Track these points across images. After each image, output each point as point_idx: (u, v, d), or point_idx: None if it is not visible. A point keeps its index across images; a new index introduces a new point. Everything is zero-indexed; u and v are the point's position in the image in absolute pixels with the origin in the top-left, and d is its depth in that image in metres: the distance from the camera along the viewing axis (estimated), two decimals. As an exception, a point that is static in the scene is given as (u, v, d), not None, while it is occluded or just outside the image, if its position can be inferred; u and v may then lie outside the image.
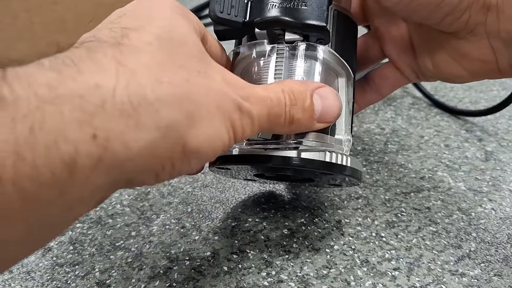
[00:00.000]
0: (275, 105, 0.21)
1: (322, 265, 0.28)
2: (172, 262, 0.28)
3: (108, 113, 0.15)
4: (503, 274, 0.27)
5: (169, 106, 0.16)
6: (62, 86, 0.14)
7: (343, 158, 0.24)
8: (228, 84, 0.19)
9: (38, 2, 0.49)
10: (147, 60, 0.17)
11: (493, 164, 0.39)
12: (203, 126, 0.18)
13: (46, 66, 0.15)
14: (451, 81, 0.30)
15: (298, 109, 0.22)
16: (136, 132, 0.15)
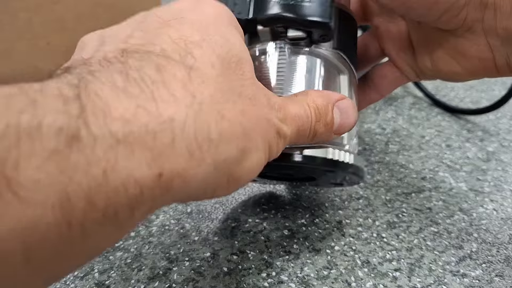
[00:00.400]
0: (304, 122, 0.21)
1: (322, 266, 0.27)
2: (171, 263, 0.28)
3: (176, 151, 0.15)
4: (504, 275, 0.27)
5: (227, 142, 0.16)
6: (136, 121, 0.14)
7: (345, 155, 0.24)
8: (271, 107, 0.20)
9: (38, 2, 0.49)
10: (212, 90, 0.17)
11: (494, 165, 0.39)
12: (250, 159, 0.18)
13: (120, 88, 0.14)
14: (449, 79, 0.30)
15: (321, 124, 0.22)
16: (196, 169, 0.15)
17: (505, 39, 0.25)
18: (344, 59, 0.26)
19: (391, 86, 0.32)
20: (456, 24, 0.25)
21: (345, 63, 0.26)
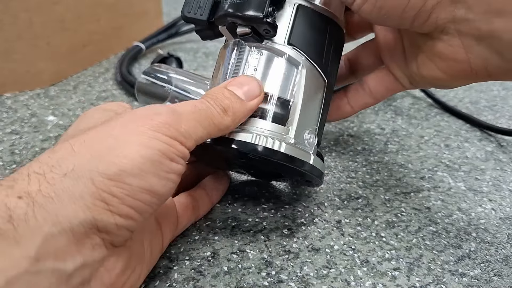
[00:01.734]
0: (198, 110, 0.23)
1: (322, 265, 0.28)
2: (172, 262, 0.28)
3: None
4: (503, 274, 0.27)
5: (67, 157, 0.19)
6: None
7: (278, 144, 0.25)
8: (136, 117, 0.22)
9: (38, 2, 0.49)
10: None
11: (493, 164, 0.39)
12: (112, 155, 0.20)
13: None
14: (435, 85, 0.30)
15: (223, 99, 0.24)
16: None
17: (478, 38, 0.25)
18: (300, 54, 0.27)
19: (385, 91, 0.33)
20: (429, 27, 0.26)
21: (301, 57, 0.27)
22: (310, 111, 0.27)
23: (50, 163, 0.18)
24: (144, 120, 0.21)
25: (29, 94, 0.51)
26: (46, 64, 0.52)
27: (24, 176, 0.18)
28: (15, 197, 0.17)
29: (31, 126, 0.44)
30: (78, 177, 0.18)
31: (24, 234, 0.16)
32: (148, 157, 0.20)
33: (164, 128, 0.21)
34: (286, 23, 0.27)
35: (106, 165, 0.19)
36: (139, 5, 0.66)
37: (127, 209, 0.19)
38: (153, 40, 0.63)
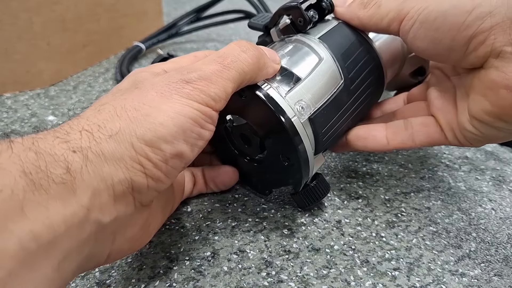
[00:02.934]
0: (226, 67, 0.24)
1: (322, 265, 0.28)
2: (172, 262, 0.28)
3: (73, 138, 0.20)
4: (503, 274, 0.27)
5: (111, 121, 0.21)
6: (43, 133, 0.20)
7: (269, 88, 0.27)
8: (166, 78, 0.24)
9: (38, 2, 0.49)
10: (97, 105, 0.23)
11: (493, 164, 0.39)
12: (146, 120, 0.21)
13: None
14: (488, 139, 0.28)
15: (253, 49, 0.26)
16: None
17: None
18: (325, 48, 0.30)
19: (427, 140, 0.31)
20: (485, 51, 0.25)
21: (325, 50, 0.30)
22: (313, 91, 0.28)
23: (97, 123, 0.20)
24: (176, 88, 0.22)
25: (29, 94, 0.51)
26: (46, 64, 0.52)
27: (76, 132, 0.20)
28: (71, 151, 0.19)
29: (31, 126, 0.44)
30: (120, 140, 0.20)
31: (80, 185, 0.18)
32: (180, 125, 0.21)
33: (195, 95, 0.22)
34: (325, 29, 0.31)
35: (143, 130, 0.20)
36: (139, 5, 0.66)
37: (159, 173, 0.21)
38: (153, 40, 0.63)
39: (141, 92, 0.22)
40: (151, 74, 0.25)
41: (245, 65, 0.25)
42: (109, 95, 0.23)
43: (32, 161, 0.17)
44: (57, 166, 0.18)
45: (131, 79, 0.25)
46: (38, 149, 0.18)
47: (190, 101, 0.22)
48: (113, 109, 0.21)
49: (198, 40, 0.72)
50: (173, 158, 0.22)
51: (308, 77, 0.28)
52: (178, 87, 0.22)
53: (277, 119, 0.26)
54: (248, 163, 0.32)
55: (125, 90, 0.23)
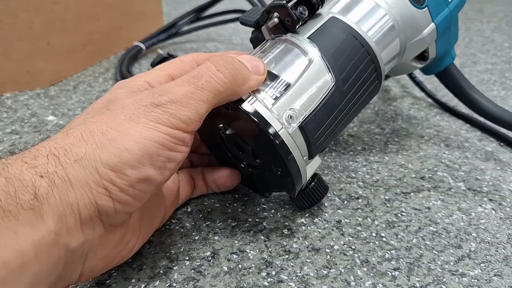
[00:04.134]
0: (200, 87, 0.24)
1: (322, 265, 0.28)
2: (172, 262, 0.28)
3: (40, 163, 0.20)
4: (503, 274, 0.27)
5: (77, 145, 0.21)
6: (12, 158, 0.20)
7: (255, 102, 0.26)
8: (135, 101, 0.23)
9: (38, 2, 0.49)
10: (64, 129, 0.23)
11: (493, 164, 0.39)
12: (112, 146, 0.21)
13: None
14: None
15: (235, 64, 0.26)
16: None
17: None
18: (315, 48, 0.29)
19: None
20: None
21: (314, 50, 0.29)
22: (302, 97, 0.28)
23: (64, 147, 0.21)
24: (145, 112, 0.22)
25: (29, 94, 0.51)
26: (46, 64, 0.52)
27: (43, 156, 0.20)
28: (39, 175, 0.19)
29: (31, 126, 0.44)
30: (85, 165, 0.20)
31: (46, 210, 0.19)
32: (146, 150, 0.21)
33: (164, 119, 0.22)
34: (315, 26, 0.31)
35: (108, 156, 0.21)
36: (139, 5, 0.66)
37: (126, 197, 0.21)
38: (153, 40, 0.63)
39: (111, 115, 0.22)
40: (128, 92, 0.25)
41: (220, 85, 0.24)
42: (81, 116, 0.24)
43: (2, 187, 0.18)
44: (25, 191, 0.18)
45: (107, 97, 0.25)
46: (8, 174, 0.19)
47: (158, 125, 0.22)
48: (81, 133, 0.21)
49: (198, 40, 0.72)
50: (140, 182, 0.22)
51: (297, 83, 0.28)
52: (147, 111, 0.22)
53: (263, 133, 0.26)
54: (244, 168, 0.32)
55: (98, 110, 0.24)
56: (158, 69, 0.28)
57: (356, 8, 0.33)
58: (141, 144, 0.21)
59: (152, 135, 0.22)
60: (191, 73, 0.25)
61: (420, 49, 0.36)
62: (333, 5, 0.33)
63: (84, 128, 0.22)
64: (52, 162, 0.20)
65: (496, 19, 0.90)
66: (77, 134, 0.21)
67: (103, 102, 0.24)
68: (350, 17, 0.32)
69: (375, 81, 0.32)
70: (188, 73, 0.25)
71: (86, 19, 0.56)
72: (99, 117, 0.22)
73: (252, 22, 0.34)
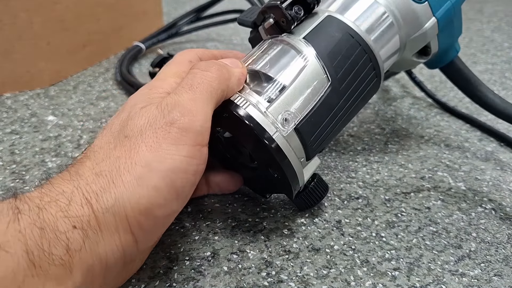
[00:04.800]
0: (202, 91, 0.25)
1: (322, 265, 0.28)
2: (172, 262, 0.28)
3: (74, 211, 0.21)
4: (503, 274, 0.27)
5: (107, 189, 0.21)
6: (45, 197, 0.20)
7: (248, 105, 0.26)
8: (149, 120, 0.24)
9: (38, 2, 0.49)
10: (89, 161, 0.23)
11: (493, 164, 0.39)
12: (140, 185, 0.22)
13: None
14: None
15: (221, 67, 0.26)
16: None
17: None
18: (310, 48, 0.29)
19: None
20: None
21: (309, 50, 0.29)
22: (297, 99, 0.27)
23: (95, 191, 0.21)
24: (163, 135, 0.23)
25: (29, 94, 0.51)
26: (46, 64, 0.52)
27: (77, 202, 0.20)
28: (72, 226, 0.20)
29: (31, 126, 0.44)
30: (116, 213, 0.21)
31: (76, 264, 0.19)
32: (172, 185, 0.22)
33: (183, 137, 0.23)
34: (311, 25, 0.30)
35: (137, 198, 0.21)
36: (139, 5, 0.66)
37: (150, 236, 0.23)
38: (153, 40, 0.63)
39: (132, 146, 0.23)
40: (140, 108, 0.25)
41: (212, 81, 0.25)
42: (103, 144, 0.24)
43: (36, 240, 0.18)
44: (58, 245, 0.19)
45: (123, 116, 0.25)
46: (43, 224, 0.19)
47: (179, 147, 0.23)
48: (110, 175, 0.22)
49: (198, 40, 0.72)
50: (165, 218, 0.23)
51: (292, 85, 0.27)
52: (165, 134, 0.23)
53: (257, 138, 0.26)
54: (244, 169, 0.32)
55: (116, 135, 0.24)
56: (172, 74, 0.28)
57: (354, 5, 0.33)
58: (167, 179, 0.22)
59: (176, 164, 0.22)
60: (183, 81, 0.25)
61: (421, 45, 0.35)
62: (331, 4, 0.33)
63: (111, 167, 0.22)
64: (86, 211, 0.20)
65: (496, 19, 0.90)
66: (106, 174, 0.22)
67: (119, 123, 0.25)
68: (348, 16, 0.32)
69: (374, 79, 0.32)
70: (181, 83, 0.26)
71: (86, 19, 0.56)
72: (121, 149, 0.23)
73: (250, 22, 0.34)
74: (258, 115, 0.26)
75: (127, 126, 0.24)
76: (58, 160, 0.38)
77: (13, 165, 0.37)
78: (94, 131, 0.43)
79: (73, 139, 0.42)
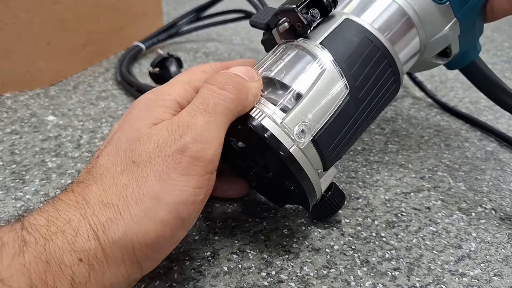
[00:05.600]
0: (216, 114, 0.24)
1: (322, 265, 0.28)
2: (172, 262, 0.28)
3: (80, 243, 0.20)
4: (503, 274, 0.27)
5: (114, 221, 0.21)
6: (51, 225, 0.20)
7: (263, 117, 0.25)
8: (158, 145, 0.23)
9: (38, 2, 0.49)
10: (96, 185, 0.22)
11: (493, 164, 0.39)
12: (147, 218, 0.21)
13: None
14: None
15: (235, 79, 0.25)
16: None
17: None
18: (328, 54, 0.28)
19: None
20: None
21: (327, 57, 0.28)
22: (314, 108, 0.26)
23: (102, 222, 0.21)
24: (173, 165, 0.22)
25: (29, 94, 0.51)
26: (46, 64, 0.52)
27: (84, 234, 0.20)
28: (78, 259, 0.19)
29: (31, 126, 0.44)
30: (123, 245, 0.21)
31: None
32: (180, 217, 0.22)
33: (194, 167, 0.22)
34: (327, 30, 0.29)
35: (145, 231, 0.21)
36: (139, 5, 0.66)
37: (155, 263, 0.23)
38: (153, 40, 0.63)
39: (141, 174, 0.22)
40: (150, 127, 0.24)
41: (229, 103, 0.24)
42: (109, 166, 0.23)
43: (41, 273, 0.18)
44: (63, 279, 0.19)
45: (130, 134, 0.24)
46: (48, 257, 0.19)
47: (189, 177, 0.22)
48: (117, 205, 0.21)
49: (198, 40, 0.72)
50: (171, 246, 0.23)
51: (309, 93, 0.26)
52: (175, 164, 0.22)
53: (273, 151, 0.25)
54: (258, 178, 0.31)
55: (123, 157, 0.23)
56: (183, 82, 0.27)
57: (371, 6, 0.31)
58: (175, 212, 0.21)
59: (185, 196, 0.22)
60: (197, 99, 0.24)
61: (442, 46, 0.34)
62: (347, 5, 0.32)
63: (119, 196, 0.21)
64: (93, 244, 0.20)
65: (496, 19, 0.90)
66: (114, 204, 0.21)
67: (125, 140, 0.23)
68: (365, 18, 0.30)
69: (393, 84, 0.31)
70: (194, 99, 0.24)
71: (86, 19, 0.56)
72: (128, 176, 0.22)
73: (263, 25, 0.32)
74: (274, 127, 0.25)
75: (135, 150, 0.23)
76: (58, 160, 0.38)
77: (13, 165, 0.37)
78: (94, 131, 0.43)
79: (73, 139, 0.42)
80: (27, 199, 0.33)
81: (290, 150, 0.25)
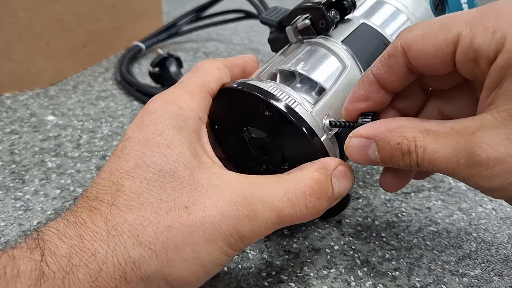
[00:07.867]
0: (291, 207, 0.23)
1: (322, 265, 0.28)
2: (172, 262, 0.28)
3: (104, 278, 0.19)
4: (503, 274, 0.27)
5: (147, 261, 0.20)
6: (74, 257, 0.19)
7: (296, 104, 0.25)
8: (222, 211, 0.21)
9: (38, 2, 0.49)
10: (132, 215, 0.20)
11: (493, 164, 0.39)
12: (182, 267, 0.20)
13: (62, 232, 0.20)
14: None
15: (322, 200, 0.23)
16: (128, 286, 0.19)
17: None
18: (349, 54, 0.28)
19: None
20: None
21: (349, 56, 0.28)
22: (338, 103, 0.26)
23: (134, 259, 0.20)
24: (225, 237, 0.21)
25: (29, 94, 0.51)
26: (46, 64, 0.52)
27: (110, 266, 0.19)
28: None
29: (31, 126, 0.44)
30: (149, 282, 0.20)
31: None
32: (210, 274, 0.22)
33: (239, 244, 0.21)
34: (347, 30, 0.30)
35: (174, 277, 0.20)
36: (139, 5, 0.66)
37: None
38: (153, 40, 0.63)
39: (190, 223, 0.20)
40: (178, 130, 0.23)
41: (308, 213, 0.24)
42: (153, 201, 0.21)
43: None
44: None
45: (180, 170, 0.22)
46: None
47: (232, 251, 0.21)
48: (154, 245, 0.20)
49: (198, 39, 0.72)
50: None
51: (332, 88, 0.26)
52: (226, 236, 0.21)
53: (307, 142, 0.25)
54: (264, 172, 0.30)
55: (173, 199, 0.21)
56: (200, 86, 0.26)
57: (378, 12, 0.32)
58: (208, 269, 0.21)
59: (222, 261, 0.21)
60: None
61: None
62: (356, 9, 0.33)
63: (159, 236, 0.20)
64: (118, 278, 0.19)
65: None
66: (151, 243, 0.20)
67: (172, 176, 0.22)
68: (374, 22, 0.31)
69: None
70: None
71: (86, 19, 0.56)
72: (175, 221, 0.20)
73: (275, 22, 0.32)
74: (307, 115, 0.24)
75: (187, 195, 0.21)
76: (58, 160, 0.38)
77: (13, 165, 0.37)
78: (94, 131, 0.43)
79: (73, 139, 0.42)
80: (27, 199, 0.33)
81: (323, 140, 0.25)
